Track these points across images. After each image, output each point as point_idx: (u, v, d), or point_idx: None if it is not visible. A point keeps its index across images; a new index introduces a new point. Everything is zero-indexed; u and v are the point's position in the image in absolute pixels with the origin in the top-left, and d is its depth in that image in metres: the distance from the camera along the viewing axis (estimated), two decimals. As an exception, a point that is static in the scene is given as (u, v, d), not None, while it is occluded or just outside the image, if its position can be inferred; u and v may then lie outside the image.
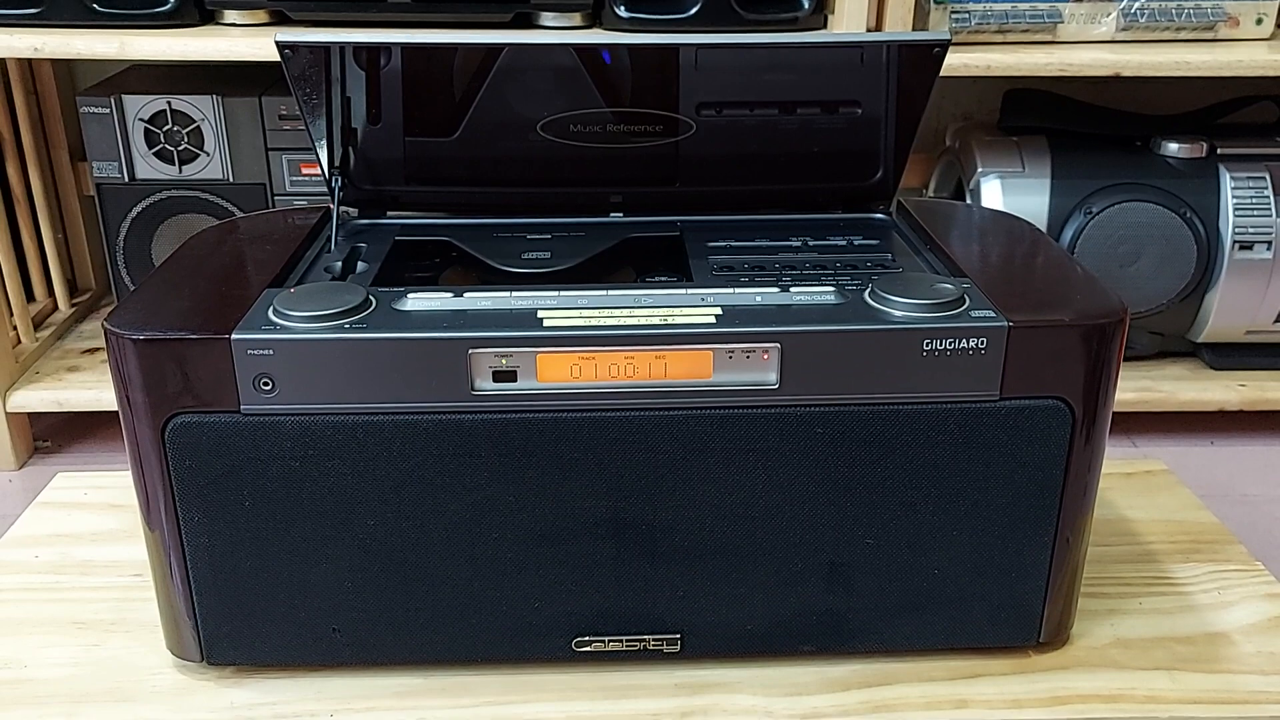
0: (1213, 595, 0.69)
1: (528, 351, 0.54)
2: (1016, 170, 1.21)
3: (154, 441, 0.55)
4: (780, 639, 0.61)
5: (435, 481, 0.56)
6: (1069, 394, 0.56)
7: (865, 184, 0.72)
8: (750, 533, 0.58)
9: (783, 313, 0.56)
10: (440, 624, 0.59)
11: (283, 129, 1.16)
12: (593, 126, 0.67)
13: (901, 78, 0.65)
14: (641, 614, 0.60)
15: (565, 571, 0.59)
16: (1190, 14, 1.14)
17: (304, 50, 0.62)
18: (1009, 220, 0.72)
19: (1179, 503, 0.79)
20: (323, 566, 0.58)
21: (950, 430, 0.56)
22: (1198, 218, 1.20)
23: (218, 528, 0.57)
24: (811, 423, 0.56)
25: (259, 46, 1.05)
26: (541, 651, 0.61)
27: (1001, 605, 0.61)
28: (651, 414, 0.55)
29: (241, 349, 0.53)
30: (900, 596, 0.60)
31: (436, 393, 0.54)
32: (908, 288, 0.56)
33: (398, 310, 0.56)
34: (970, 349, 0.55)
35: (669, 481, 0.57)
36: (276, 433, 0.55)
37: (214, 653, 0.60)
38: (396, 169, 0.70)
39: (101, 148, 1.16)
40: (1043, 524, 0.59)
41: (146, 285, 0.59)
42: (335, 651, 0.60)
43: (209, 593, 0.58)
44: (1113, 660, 0.63)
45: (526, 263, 0.65)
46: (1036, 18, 1.13)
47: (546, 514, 0.57)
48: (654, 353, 0.54)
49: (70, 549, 0.73)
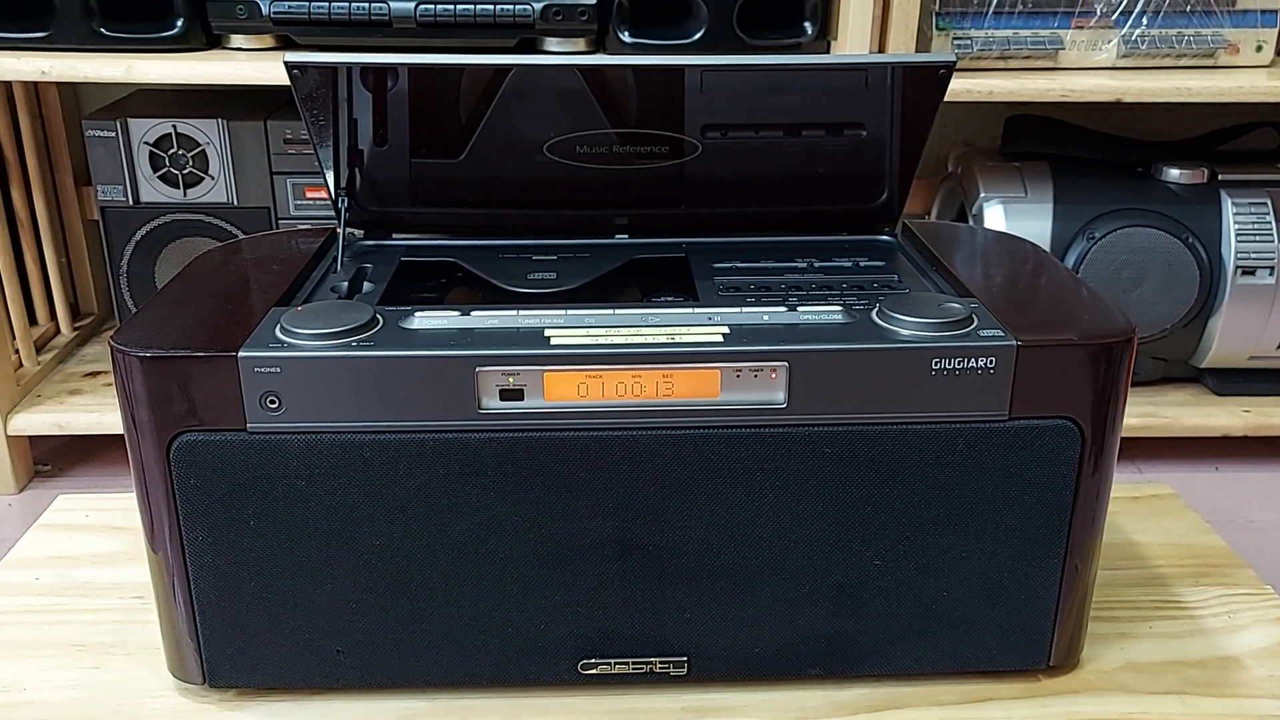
0: (1223, 619, 0.68)
1: (535, 370, 0.54)
2: (1019, 195, 1.22)
3: (159, 460, 0.55)
4: (788, 662, 0.61)
5: (441, 501, 0.56)
6: (1078, 414, 0.56)
7: (870, 206, 0.72)
8: (758, 554, 0.58)
9: (790, 332, 0.56)
10: (445, 646, 0.59)
11: (288, 153, 1.16)
12: (599, 148, 0.68)
13: (907, 99, 0.65)
14: (648, 636, 0.59)
15: (572, 593, 0.58)
16: (1191, 41, 1.15)
17: (313, 71, 0.62)
18: (1014, 241, 0.72)
19: (1186, 526, 0.79)
20: (327, 587, 0.57)
21: (959, 450, 0.56)
22: (1200, 243, 1.20)
23: (222, 547, 0.56)
24: (819, 442, 0.56)
25: (265, 70, 1.06)
26: (547, 674, 0.60)
27: (1011, 628, 0.60)
28: (659, 433, 0.55)
29: (248, 366, 0.53)
30: (909, 619, 0.60)
31: (443, 411, 0.54)
32: (916, 307, 0.56)
33: (405, 328, 0.56)
34: (979, 368, 0.55)
35: (676, 502, 0.56)
36: (283, 451, 0.55)
37: (216, 675, 0.60)
38: (403, 190, 0.70)
39: (106, 171, 1.16)
40: (1052, 545, 0.58)
41: (152, 304, 0.59)
42: (339, 674, 0.60)
43: (212, 613, 0.58)
44: (1123, 684, 0.62)
45: (532, 283, 0.65)
46: (1038, 44, 1.14)
47: (553, 534, 0.57)
48: (661, 371, 0.54)
49: (71, 571, 0.73)
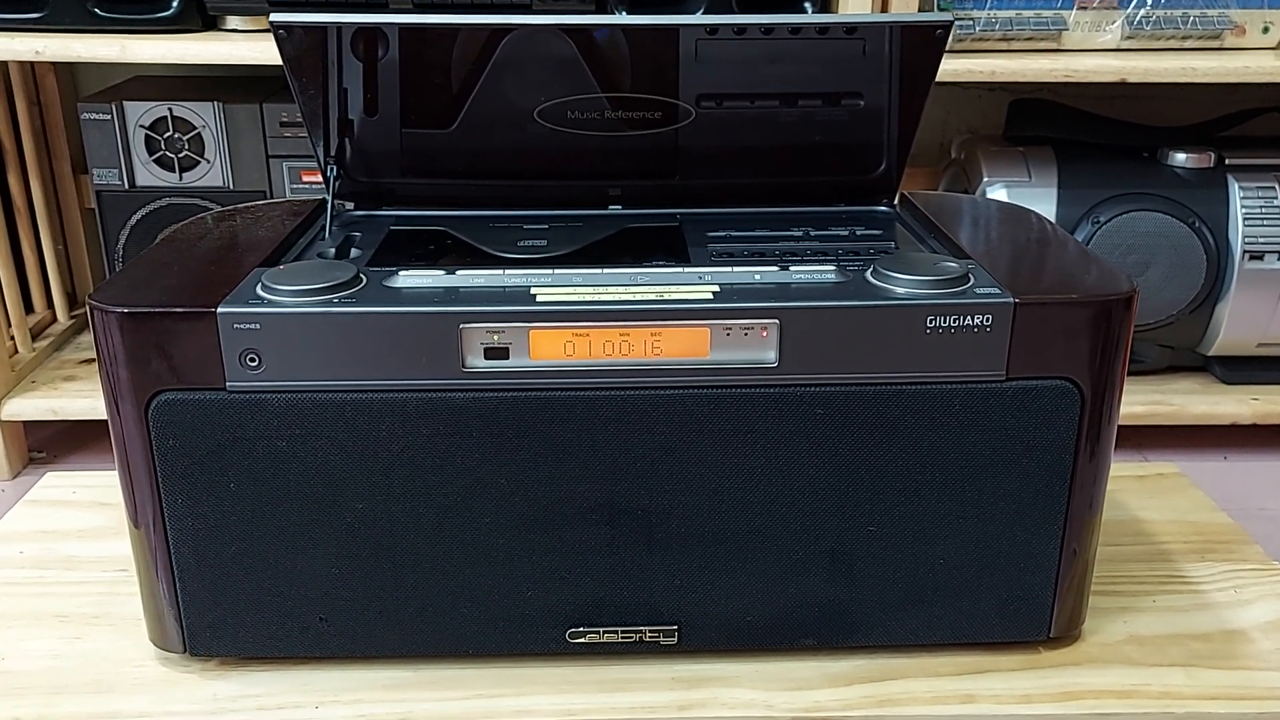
0: (1229, 593, 0.67)
1: (520, 327, 0.53)
2: (1023, 180, 1.20)
3: (137, 420, 0.54)
4: (780, 632, 0.59)
5: (425, 463, 0.54)
6: (1077, 374, 0.54)
7: (868, 177, 0.70)
8: (749, 519, 0.56)
9: (782, 290, 0.54)
10: (430, 614, 0.58)
11: (284, 136, 1.15)
12: (591, 113, 0.66)
13: (904, 62, 0.64)
14: (637, 604, 0.58)
15: (559, 559, 0.57)
16: (1196, 22, 1.14)
17: (299, 31, 0.61)
18: (1015, 209, 0.70)
19: (1192, 504, 0.77)
20: (309, 552, 0.56)
21: (955, 411, 0.55)
22: (1207, 228, 1.18)
23: (202, 511, 0.55)
24: (812, 403, 0.54)
25: (261, 51, 1.05)
26: (534, 643, 0.59)
27: (1010, 598, 0.59)
28: (646, 393, 0.54)
29: (228, 323, 0.52)
30: (904, 588, 0.58)
31: (427, 370, 0.53)
32: (911, 265, 0.55)
33: (388, 286, 0.54)
34: (975, 326, 0.53)
35: (665, 464, 0.55)
36: (263, 411, 0.53)
37: (197, 644, 0.58)
38: (393, 161, 0.69)
39: (102, 154, 1.16)
40: (1052, 511, 0.57)
41: (135, 265, 0.58)
42: (321, 643, 0.58)
43: (192, 580, 0.57)
44: (1127, 657, 0.61)
45: (522, 250, 0.64)
46: (1041, 25, 1.13)
47: (539, 498, 0.55)
48: (649, 329, 0.53)
49: (55, 545, 0.72)
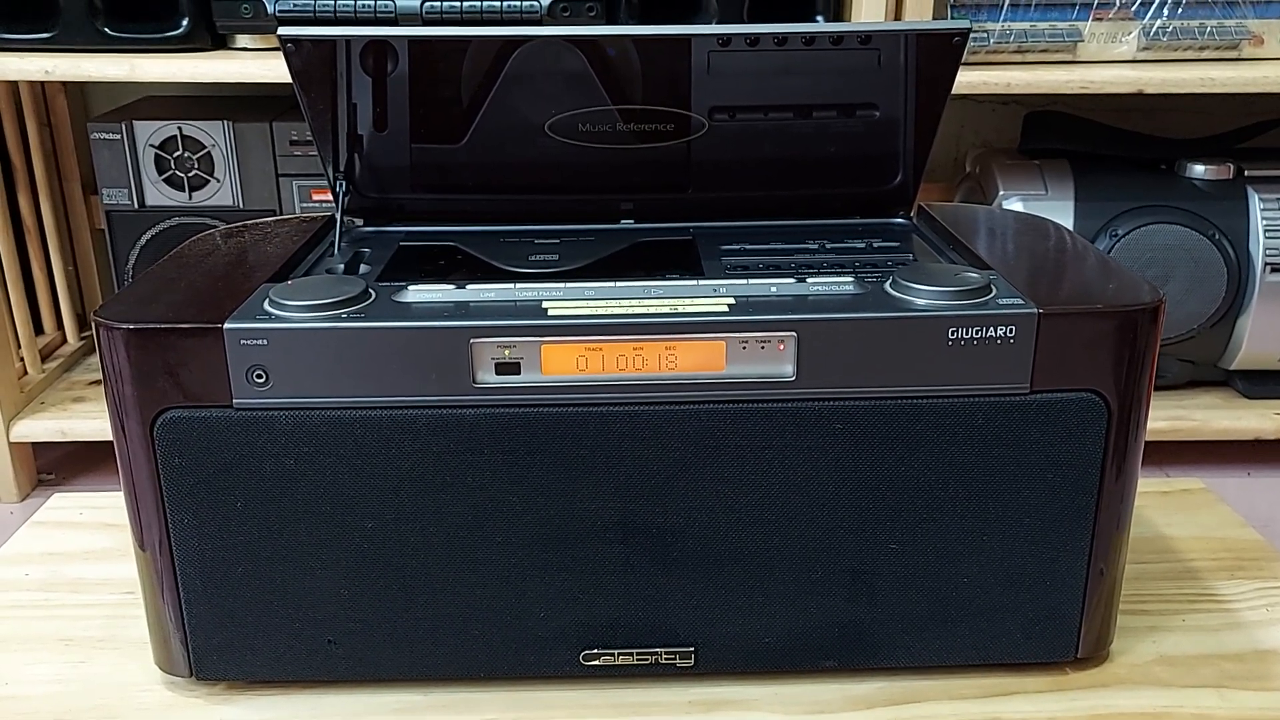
0: (1261, 612, 0.65)
1: (532, 341, 0.52)
2: (1039, 193, 1.19)
3: (142, 438, 0.53)
4: (800, 654, 0.58)
5: (435, 481, 0.53)
6: (1103, 386, 0.53)
7: (884, 189, 0.69)
8: (766, 537, 0.55)
9: (800, 302, 0.53)
10: (441, 635, 0.56)
11: (294, 155, 1.15)
12: (603, 126, 0.66)
13: (921, 71, 0.63)
14: (653, 626, 0.57)
15: (572, 579, 0.55)
16: (1213, 32, 1.13)
17: (308, 45, 0.61)
18: (1033, 219, 0.69)
19: (1219, 520, 0.75)
20: (318, 573, 0.55)
21: (978, 425, 0.53)
22: (1227, 240, 1.17)
23: (208, 531, 0.54)
24: (831, 418, 0.53)
25: (270, 69, 1.05)
26: (548, 666, 0.57)
27: (1036, 617, 0.57)
28: (661, 409, 0.53)
29: (234, 339, 0.51)
30: (927, 608, 0.57)
31: (437, 386, 0.52)
32: (931, 276, 0.54)
33: (398, 301, 0.53)
34: (998, 338, 0.52)
35: (680, 481, 0.54)
36: (270, 428, 0.52)
37: (203, 667, 0.57)
38: (402, 176, 0.68)
39: (112, 174, 1.15)
40: (1079, 528, 0.55)
41: (141, 281, 0.58)
42: (331, 666, 0.57)
43: (198, 602, 0.56)
44: (1157, 678, 0.59)
45: (534, 264, 0.63)
46: (1056, 37, 1.12)
47: (552, 516, 0.54)
48: (664, 343, 0.52)
49: (61, 567, 0.71)
